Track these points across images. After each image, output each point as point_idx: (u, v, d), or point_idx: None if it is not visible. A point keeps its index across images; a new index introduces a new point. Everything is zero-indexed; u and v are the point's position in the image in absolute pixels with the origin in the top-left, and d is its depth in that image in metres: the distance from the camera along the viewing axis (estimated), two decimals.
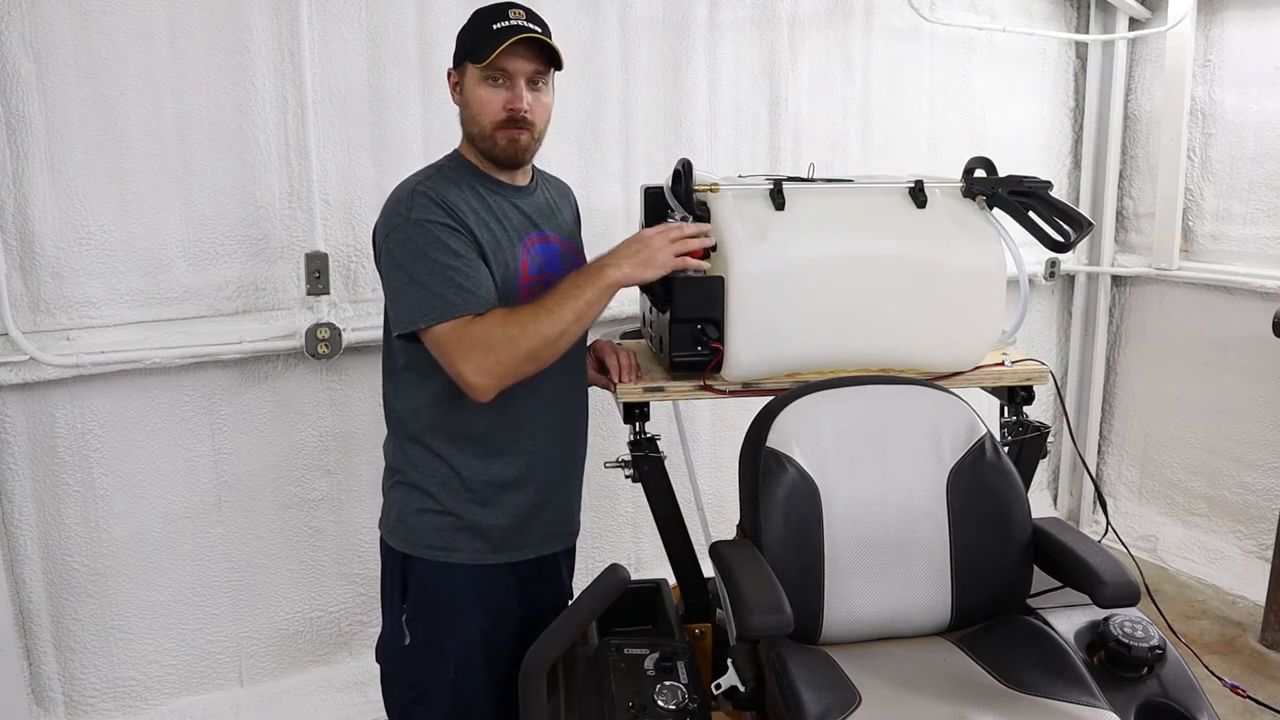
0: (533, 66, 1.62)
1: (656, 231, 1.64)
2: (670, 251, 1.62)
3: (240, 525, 2.48)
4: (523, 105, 1.61)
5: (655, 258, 1.61)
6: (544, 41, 1.60)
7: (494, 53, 1.57)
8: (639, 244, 1.62)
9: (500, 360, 1.51)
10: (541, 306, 1.54)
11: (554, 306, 1.54)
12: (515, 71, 1.60)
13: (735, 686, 1.58)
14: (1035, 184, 1.93)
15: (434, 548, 1.69)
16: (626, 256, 1.60)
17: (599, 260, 1.62)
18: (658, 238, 1.63)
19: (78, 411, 2.25)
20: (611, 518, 3.00)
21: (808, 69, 3.11)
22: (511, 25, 1.59)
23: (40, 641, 2.30)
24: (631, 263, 1.59)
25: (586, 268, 1.61)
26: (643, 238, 1.64)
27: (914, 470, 1.72)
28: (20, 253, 2.15)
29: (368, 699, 2.55)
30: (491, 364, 1.50)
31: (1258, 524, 3.35)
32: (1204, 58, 3.43)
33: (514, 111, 1.61)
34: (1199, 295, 3.50)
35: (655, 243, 1.62)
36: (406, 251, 1.56)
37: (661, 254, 1.61)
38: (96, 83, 2.16)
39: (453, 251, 1.55)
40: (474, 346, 1.51)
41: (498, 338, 1.51)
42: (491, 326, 1.52)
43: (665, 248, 1.62)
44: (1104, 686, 1.53)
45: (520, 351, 1.51)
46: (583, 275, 1.59)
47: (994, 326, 1.95)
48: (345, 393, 2.56)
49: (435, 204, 1.57)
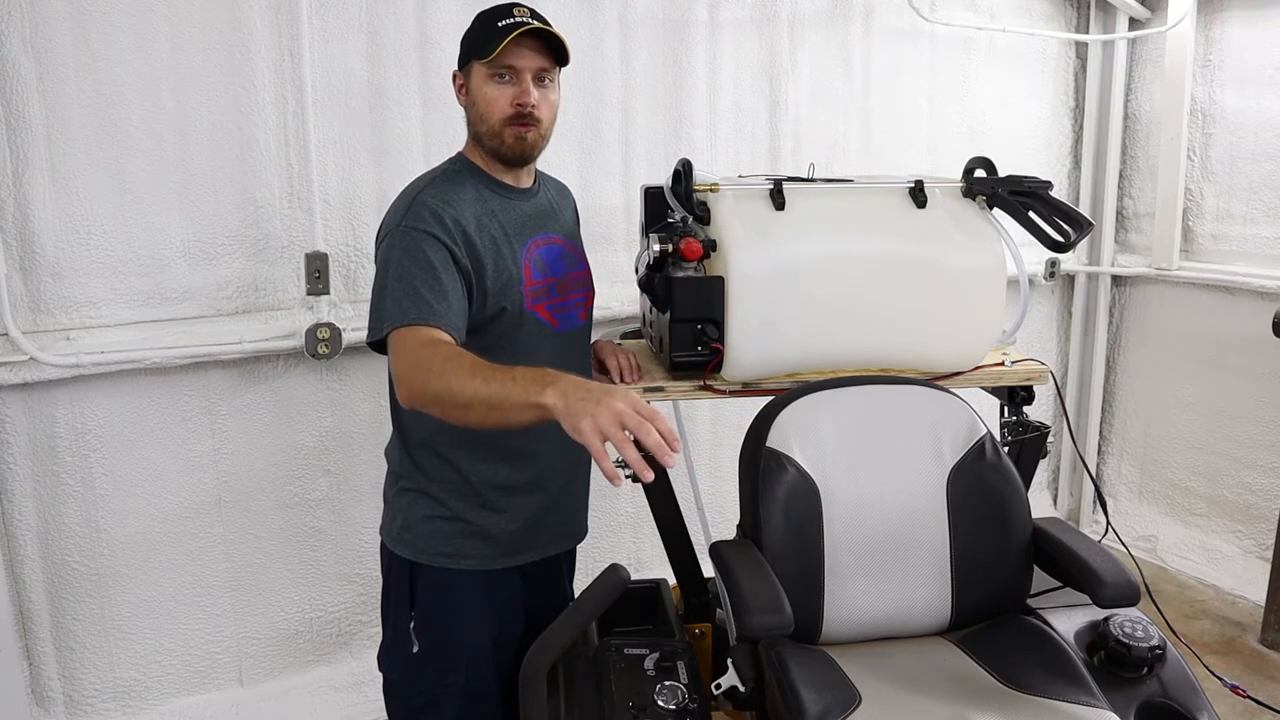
0: (539, 62, 1.61)
1: (625, 403, 1.25)
2: (609, 432, 1.23)
3: (240, 525, 2.48)
4: (530, 100, 1.60)
5: (588, 424, 1.24)
6: (550, 38, 1.60)
7: (500, 46, 1.56)
8: (598, 398, 1.26)
9: (414, 385, 1.43)
10: (475, 368, 1.38)
11: (483, 376, 1.35)
12: (522, 67, 1.60)
13: (735, 686, 1.58)
14: (1035, 184, 1.93)
15: (443, 554, 1.68)
16: (575, 397, 1.27)
17: (558, 376, 1.33)
18: (617, 409, 1.24)
19: (78, 411, 2.25)
20: (611, 518, 3.00)
21: (808, 69, 3.11)
22: (516, 21, 1.59)
23: (40, 641, 2.30)
24: (571, 408, 1.27)
25: (542, 372, 1.34)
26: (607, 397, 1.26)
27: (914, 470, 1.72)
28: (20, 253, 2.15)
29: (368, 699, 2.55)
30: (411, 381, 1.44)
31: (1258, 524, 3.35)
32: (1204, 58, 3.43)
33: (522, 106, 1.60)
34: (1199, 295, 3.50)
35: (608, 410, 1.24)
36: (388, 259, 1.55)
37: (599, 420, 1.23)
38: (96, 82, 2.16)
39: (427, 263, 1.52)
40: (408, 355, 1.46)
41: (424, 362, 1.42)
42: (429, 351, 1.44)
43: (609, 424, 1.23)
44: (1104, 686, 1.53)
45: (429, 390, 1.40)
46: (529, 376, 1.34)
47: (994, 326, 1.95)
48: (345, 393, 2.56)
49: (432, 214, 1.56)
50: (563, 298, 1.73)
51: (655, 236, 1.81)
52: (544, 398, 1.29)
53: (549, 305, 1.70)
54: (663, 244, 1.79)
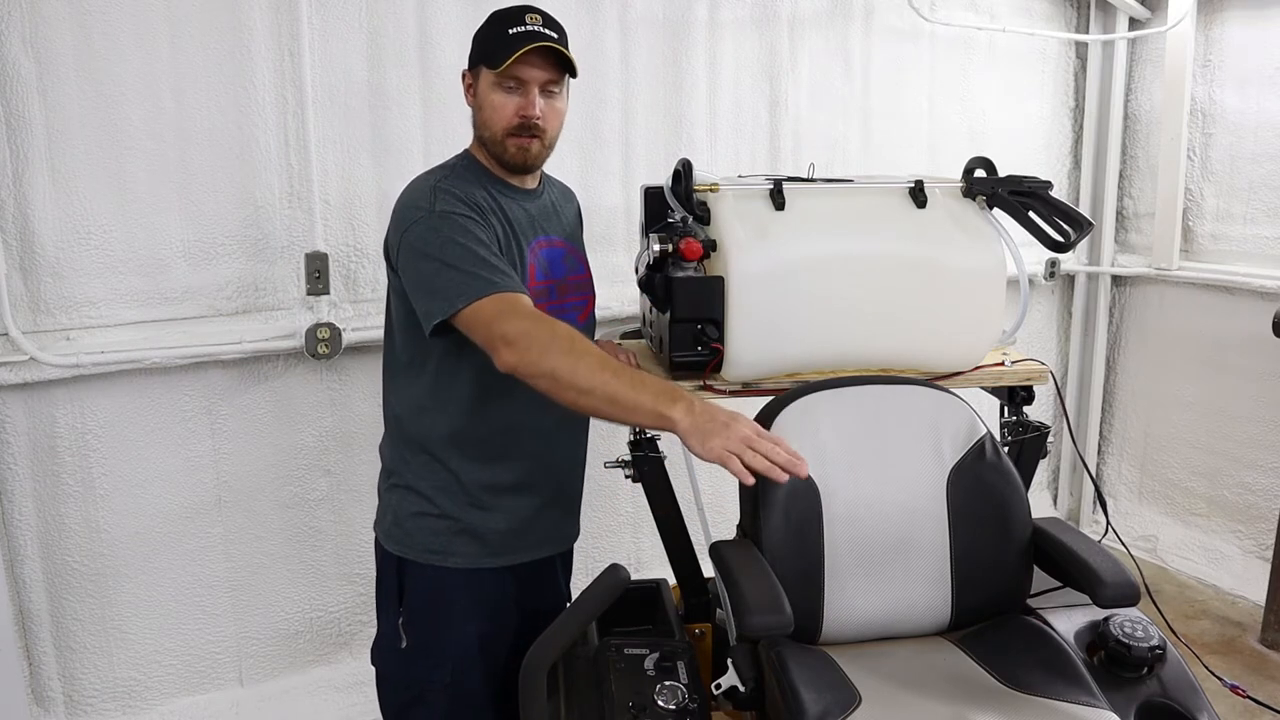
0: (546, 75, 1.62)
1: (750, 429, 1.37)
2: (735, 449, 1.33)
3: (240, 525, 2.48)
4: (535, 112, 1.61)
5: (719, 444, 1.33)
6: (560, 52, 1.60)
7: (508, 61, 1.56)
8: (725, 422, 1.36)
9: (530, 354, 1.41)
10: (604, 361, 1.41)
11: (611, 370, 1.39)
12: (529, 79, 1.60)
13: (735, 686, 1.58)
14: (1035, 184, 1.93)
15: (431, 551, 1.69)
16: (704, 418, 1.35)
17: (684, 393, 1.40)
18: (745, 435, 1.35)
19: (78, 411, 2.25)
20: (611, 518, 3.00)
21: (808, 69, 3.11)
22: (527, 32, 1.59)
23: (40, 641, 2.30)
24: (700, 428, 1.35)
25: (668, 386, 1.42)
26: (733, 424, 1.36)
27: (914, 470, 1.72)
28: (20, 253, 2.15)
29: (368, 699, 2.54)
30: (526, 349, 1.41)
31: (1258, 524, 3.35)
32: (1204, 58, 3.43)
33: (526, 118, 1.61)
34: (1199, 295, 3.50)
35: (736, 434, 1.34)
36: (434, 241, 1.51)
37: (729, 444, 1.33)
38: (96, 83, 2.16)
39: (480, 240, 1.52)
40: (524, 319, 1.43)
41: (543, 335, 1.42)
42: (550, 324, 1.44)
43: (739, 446, 1.33)
44: (1104, 686, 1.53)
45: (545, 363, 1.40)
46: (657, 387, 1.41)
47: (994, 326, 1.95)
48: (345, 393, 2.56)
49: (458, 199, 1.56)
50: (561, 300, 1.74)
51: (655, 236, 1.81)
52: (673, 412, 1.36)
53: (548, 307, 1.69)
54: (663, 244, 1.79)
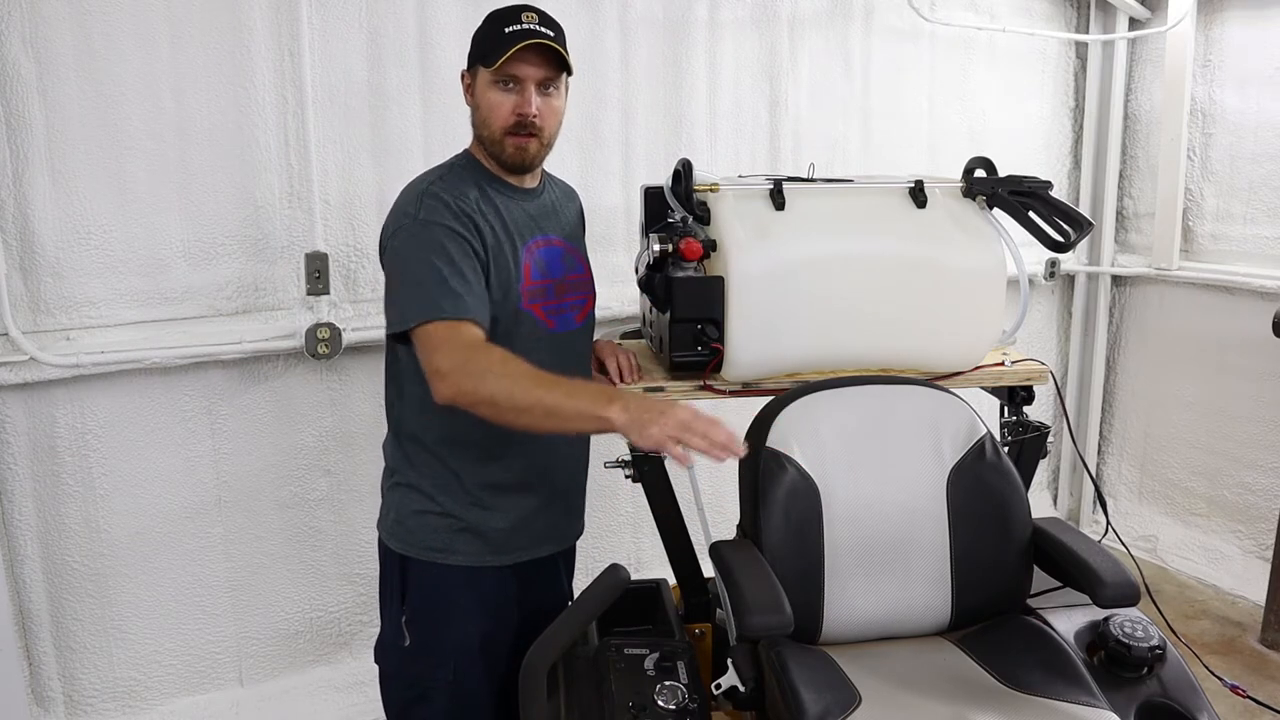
0: (542, 72, 1.62)
1: (687, 413, 1.41)
2: (673, 433, 1.38)
3: (240, 525, 2.48)
4: (531, 110, 1.61)
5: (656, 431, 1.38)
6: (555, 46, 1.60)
7: (503, 58, 1.57)
8: (662, 410, 1.41)
9: (464, 385, 1.45)
10: (537, 377, 1.45)
11: (546, 386, 1.44)
12: (525, 77, 1.60)
13: (735, 686, 1.58)
14: (1035, 184, 1.94)
15: (433, 549, 1.69)
16: (639, 410, 1.40)
17: (618, 392, 1.46)
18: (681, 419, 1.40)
19: (78, 411, 2.25)
20: (611, 518, 3.00)
21: (808, 69, 3.11)
22: (523, 29, 1.59)
23: (40, 641, 2.30)
24: (638, 419, 1.40)
25: (603, 388, 1.48)
26: (670, 411, 1.41)
27: (914, 470, 1.72)
28: (20, 253, 2.15)
29: (368, 699, 2.55)
30: (459, 382, 1.45)
31: (1258, 524, 3.35)
32: (1204, 58, 3.43)
33: (523, 116, 1.61)
34: (1199, 295, 3.50)
35: (673, 419, 1.39)
36: (408, 251, 1.55)
37: (667, 429, 1.38)
38: (96, 83, 2.16)
39: (450, 257, 1.53)
40: (458, 351, 1.47)
41: (477, 364, 1.46)
42: (482, 354, 1.47)
43: (676, 430, 1.38)
44: (1104, 686, 1.53)
45: (482, 391, 1.44)
46: (592, 391, 1.48)
47: (994, 326, 1.95)
48: (345, 393, 2.56)
49: (445, 206, 1.57)
50: (559, 299, 1.73)
51: (655, 236, 1.81)
52: (609, 411, 1.40)
53: (545, 306, 1.70)
54: (663, 244, 1.79)
